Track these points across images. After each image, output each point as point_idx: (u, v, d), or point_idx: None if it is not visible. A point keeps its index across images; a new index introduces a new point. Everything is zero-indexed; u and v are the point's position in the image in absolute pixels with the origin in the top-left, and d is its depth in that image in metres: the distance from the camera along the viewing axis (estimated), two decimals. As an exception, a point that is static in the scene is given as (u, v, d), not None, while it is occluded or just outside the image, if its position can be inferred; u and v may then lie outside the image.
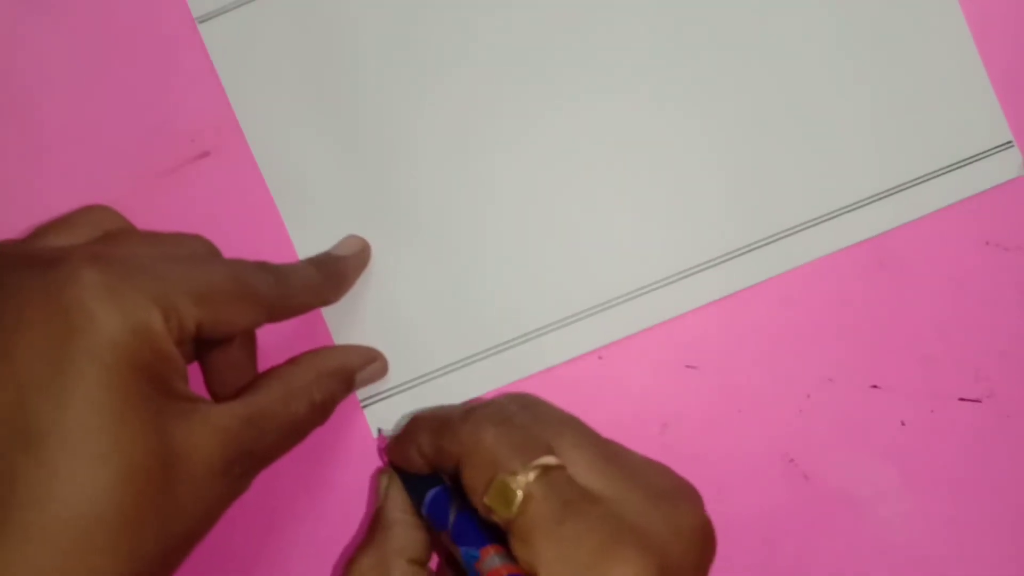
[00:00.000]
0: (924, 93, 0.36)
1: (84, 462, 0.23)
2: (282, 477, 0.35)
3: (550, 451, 0.29)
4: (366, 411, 0.36)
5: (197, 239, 0.29)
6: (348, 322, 0.36)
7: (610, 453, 0.30)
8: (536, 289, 0.36)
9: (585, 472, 0.28)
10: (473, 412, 0.30)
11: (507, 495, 0.27)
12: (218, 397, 0.32)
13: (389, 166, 0.36)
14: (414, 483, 0.32)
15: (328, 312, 0.36)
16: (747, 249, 0.36)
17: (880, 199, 0.36)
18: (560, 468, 0.28)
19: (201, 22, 0.36)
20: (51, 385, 0.24)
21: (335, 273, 0.34)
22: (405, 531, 0.32)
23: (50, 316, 0.24)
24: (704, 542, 0.29)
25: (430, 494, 0.31)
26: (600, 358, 0.36)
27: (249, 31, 0.36)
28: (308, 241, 0.36)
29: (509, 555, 0.28)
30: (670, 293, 0.36)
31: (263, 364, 0.34)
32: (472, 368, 0.36)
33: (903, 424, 0.36)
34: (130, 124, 0.36)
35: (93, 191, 0.36)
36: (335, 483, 0.36)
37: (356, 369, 0.34)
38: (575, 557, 0.26)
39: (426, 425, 0.31)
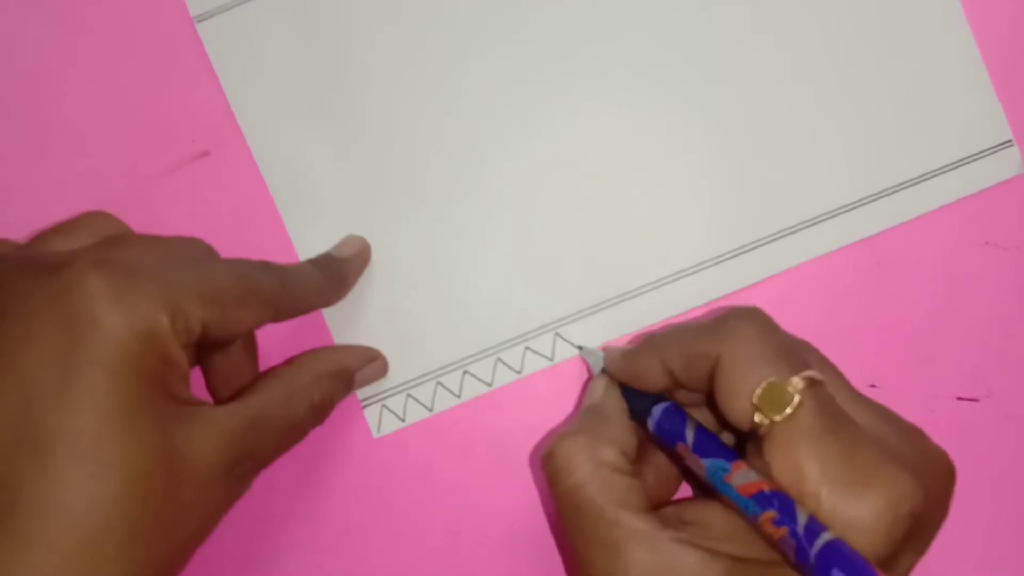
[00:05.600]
0: (924, 91, 0.36)
1: (91, 469, 0.24)
2: (282, 477, 0.35)
3: (808, 365, 0.28)
4: (366, 411, 0.36)
5: (196, 242, 0.29)
6: (349, 322, 0.36)
7: (848, 383, 0.29)
8: (536, 289, 0.36)
9: (835, 393, 0.28)
10: (729, 313, 0.29)
11: (780, 398, 0.26)
12: (220, 400, 0.32)
13: (389, 166, 0.36)
14: (636, 397, 0.32)
15: (329, 312, 0.36)
16: (746, 249, 0.36)
17: (879, 198, 0.36)
18: (822, 383, 0.27)
19: (199, 21, 0.36)
20: (58, 392, 0.24)
21: (336, 274, 0.34)
22: (621, 427, 0.31)
23: (56, 323, 0.24)
24: (951, 475, 0.29)
25: (659, 408, 0.31)
26: (600, 357, 0.36)
27: (247, 30, 0.36)
28: (308, 241, 0.36)
29: (756, 471, 0.27)
30: (669, 292, 0.36)
31: (264, 364, 0.34)
32: (472, 368, 0.36)
33: (902, 423, 0.36)
34: (130, 124, 0.36)
35: (93, 191, 0.36)
36: (335, 483, 0.36)
37: (355, 369, 0.34)
38: (842, 471, 0.26)
39: (672, 337, 0.30)
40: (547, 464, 0.30)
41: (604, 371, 0.34)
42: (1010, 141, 0.36)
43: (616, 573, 0.27)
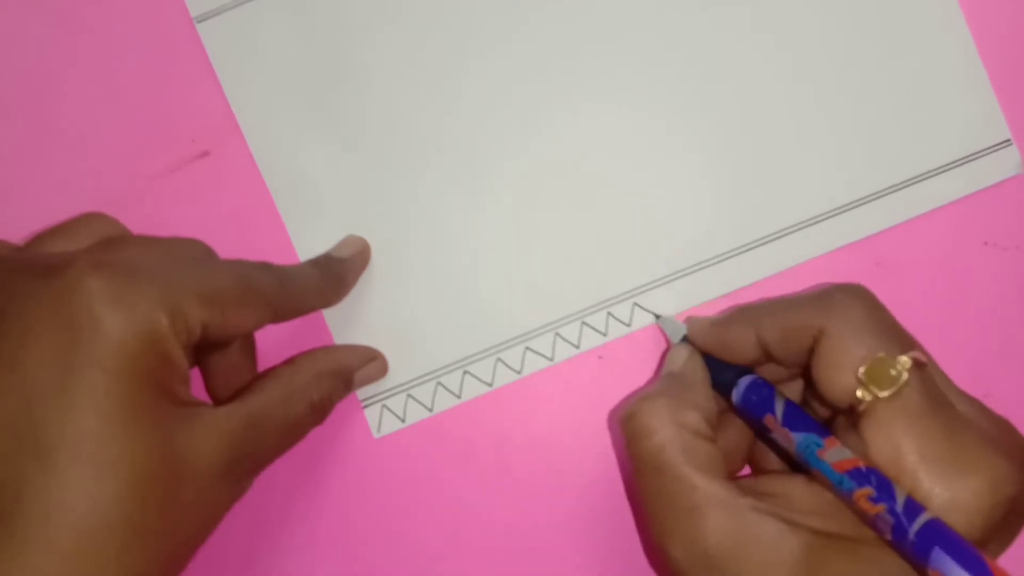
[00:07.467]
0: (922, 91, 0.36)
1: (92, 470, 0.24)
2: (282, 477, 0.35)
3: (915, 345, 0.28)
4: (366, 411, 0.36)
5: (195, 242, 0.29)
6: (349, 322, 0.36)
7: (944, 373, 0.29)
8: (535, 289, 0.36)
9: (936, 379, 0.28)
10: (834, 287, 0.29)
11: (886, 375, 0.26)
12: (219, 400, 0.32)
13: (389, 166, 0.36)
14: (720, 368, 0.32)
15: (329, 312, 0.36)
16: (745, 248, 0.36)
17: (878, 198, 0.36)
18: (926, 365, 0.27)
19: (199, 21, 0.36)
20: (58, 393, 0.24)
21: (336, 274, 0.34)
22: (704, 394, 0.31)
23: (57, 324, 0.24)
24: None
25: (745, 380, 0.31)
26: (600, 357, 0.36)
27: (247, 30, 0.36)
28: (308, 241, 0.36)
29: (849, 448, 0.27)
30: (669, 293, 0.36)
31: (263, 364, 0.34)
32: (472, 368, 0.36)
33: (901, 423, 0.36)
34: (130, 124, 0.36)
35: (93, 191, 0.36)
36: (335, 483, 0.36)
37: (354, 368, 0.34)
38: (943, 452, 0.25)
39: (768, 309, 0.30)
40: (627, 425, 0.29)
41: (685, 340, 0.34)
42: (1009, 141, 0.36)
43: (693, 536, 0.27)
